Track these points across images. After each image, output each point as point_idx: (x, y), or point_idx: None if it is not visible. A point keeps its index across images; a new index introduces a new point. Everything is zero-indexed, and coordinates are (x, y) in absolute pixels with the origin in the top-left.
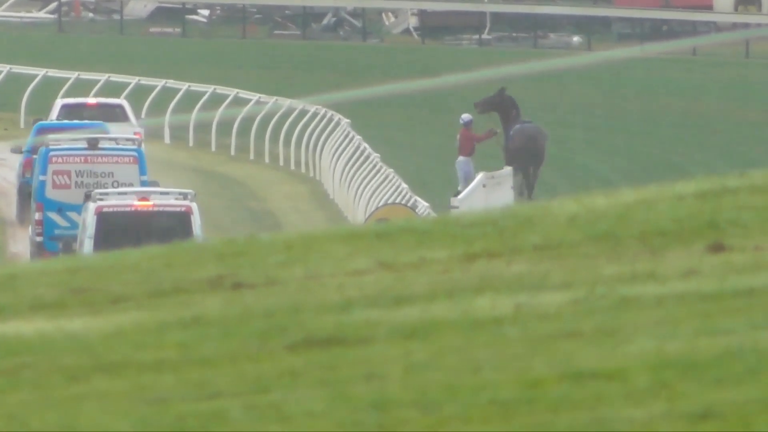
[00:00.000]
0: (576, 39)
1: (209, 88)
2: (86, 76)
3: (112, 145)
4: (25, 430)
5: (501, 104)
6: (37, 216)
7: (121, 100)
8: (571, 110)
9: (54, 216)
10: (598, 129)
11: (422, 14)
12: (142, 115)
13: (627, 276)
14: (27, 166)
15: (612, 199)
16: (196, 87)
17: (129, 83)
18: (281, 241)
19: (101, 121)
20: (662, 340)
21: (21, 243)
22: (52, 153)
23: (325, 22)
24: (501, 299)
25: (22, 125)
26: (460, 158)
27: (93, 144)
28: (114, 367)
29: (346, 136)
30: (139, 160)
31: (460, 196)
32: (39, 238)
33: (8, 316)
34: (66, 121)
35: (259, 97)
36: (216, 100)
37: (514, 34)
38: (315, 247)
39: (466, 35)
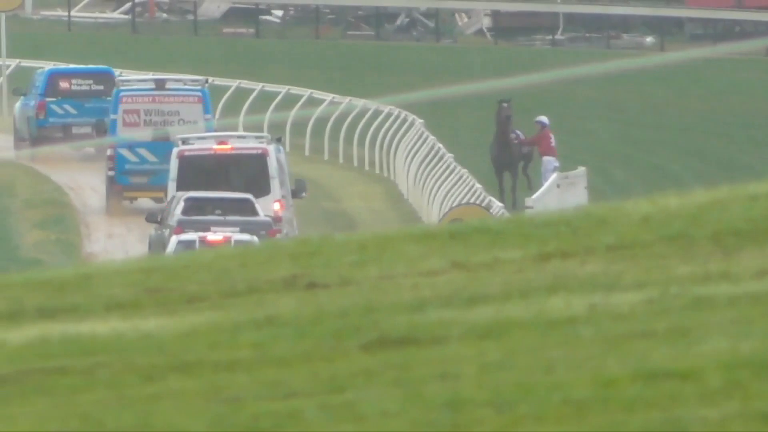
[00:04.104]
0: (649, 39)
1: (283, 89)
2: (159, 76)
3: (179, 86)
4: (100, 429)
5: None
6: (109, 152)
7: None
8: (643, 110)
9: (125, 152)
10: (670, 129)
11: (495, 15)
12: (216, 116)
13: (700, 276)
14: (40, 108)
15: (685, 200)
16: (270, 87)
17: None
18: (355, 241)
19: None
20: (736, 339)
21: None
22: (122, 93)
23: (398, 22)
24: (575, 299)
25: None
26: (549, 158)
27: (161, 84)
28: (188, 366)
29: (420, 136)
30: (204, 100)
31: (534, 197)
32: (111, 173)
33: (83, 316)
34: (74, 66)
35: (333, 98)
36: (290, 101)
37: (587, 35)
38: (389, 247)
39: (539, 36)
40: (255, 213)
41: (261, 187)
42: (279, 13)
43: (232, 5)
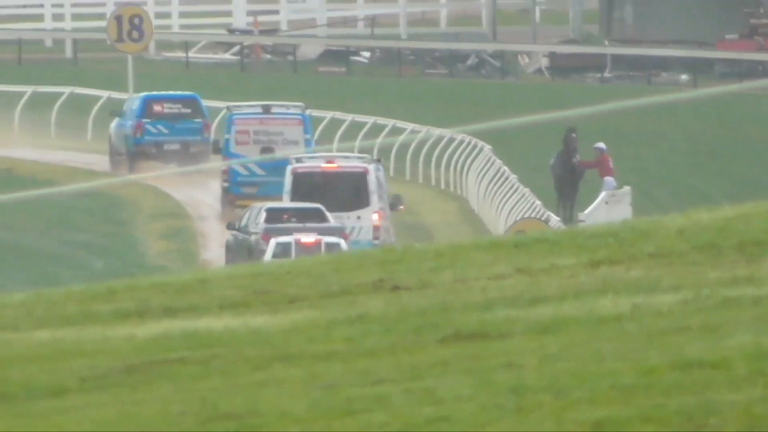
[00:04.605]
0: (683, 77)
1: (370, 119)
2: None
3: (283, 110)
4: (215, 412)
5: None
6: (223, 167)
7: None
8: (679, 138)
9: (238, 168)
10: (702, 154)
11: (552, 56)
12: (313, 143)
13: (728, 280)
14: (138, 128)
15: (714, 214)
16: (359, 118)
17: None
18: (433, 250)
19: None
20: (759, 334)
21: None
22: (235, 117)
23: (468, 62)
24: (621, 300)
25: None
26: (609, 178)
27: (267, 109)
28: (290, 357)
29: (488, 160)
30: (304, 122)
31: (586, 212)
32: (226, 184)
33: (200, 314)
34: (165, 93)
35: (413, 127)
36: (376, 130)
37: (631, 73)
38: (462, 255)
39: (590, 74)
40: (326, 220)
41: (362, 201)
42: (367, 54)
43: (326, 48)
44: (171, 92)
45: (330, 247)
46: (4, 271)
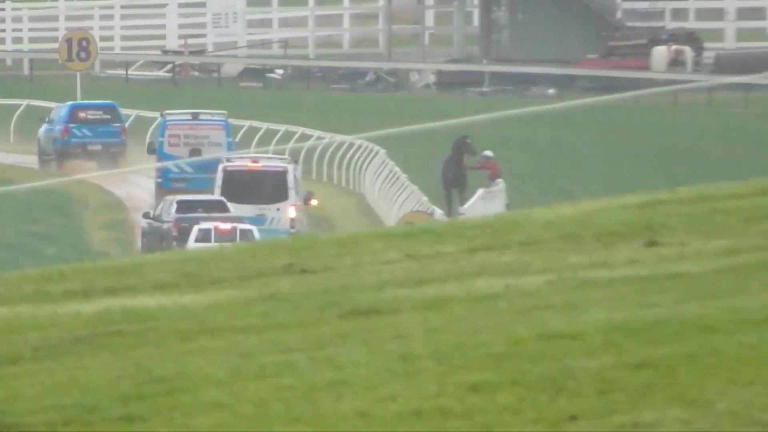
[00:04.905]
0: (551, 91)
1: (283, 127)
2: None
3: (209, 117)
4: (148, 375)
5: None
6: (158, 165)
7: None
8: (547, 143)
9: (169, 165)
10: (567, 156)
11: (439, 73)
12: (233, 145)
13: (586, 264)
14: (65, 132)
15: (576, 208)
16: (273, 126)
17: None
18: (335, 239)
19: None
20: (611, 311)
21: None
22: (168, 122)
23: (367, 78)
24: (494, 281)
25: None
26: (499, 179)
27: (195, 116)
28: (213, 330)
29: (382, 162)
30: (226, 128)
31: (465, 206)
32: (159, 180)
33: (136, 293)
34: (88, 101)
35: (319, 134)
36: (288, 136)
37: (506, 88)
38: (359, 243)
39: (471, 88)
40: (227, 210)
41: (281, 195)
42: (280, 71)
43: (246, 66)
44: (93, 101)
45: (244, 233)
46: None
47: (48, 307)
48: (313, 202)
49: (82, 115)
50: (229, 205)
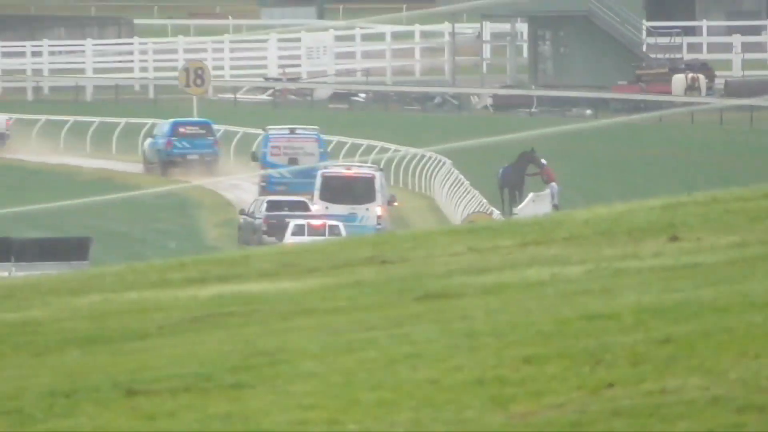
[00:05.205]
0: (588, 111)
1: (365, 142)
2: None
3: (303, 131)
4: (254, 349)
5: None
6: (262, 172)
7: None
8: (586, 155)
9: (272, 171)
10: (603, 166)
11: (495, 97)
12: (326, 156)
13: (619, 256)
14: (169, 144)
15: (610, 209)
16: (357, 141)
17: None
18: (410, 235)
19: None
20: (641, 294)
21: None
22: (270, 135)
23: (435, 101)
24: (543, 270)
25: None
26: (553, 183)
27: (292, 130)
28: (308, 311)
29: (449, 171)
30: (319, 140)
31: (519, 207)
32: (263, 184)
33: (244, 281)
34: (187, 119)
35: (396, 147)
36: (369, 149)
37: (551, 109)
38: (430, 239)
39: (522, 109)
40: (309, 210)
41: (370, 197)
42: (363, 95)
43: (334, 91)
44: (191, 118)
45: (332, 228)
46: (105, 251)
47: (170, 292)
48: (396, 203)
49: (182, 130)
50: (324, 204)
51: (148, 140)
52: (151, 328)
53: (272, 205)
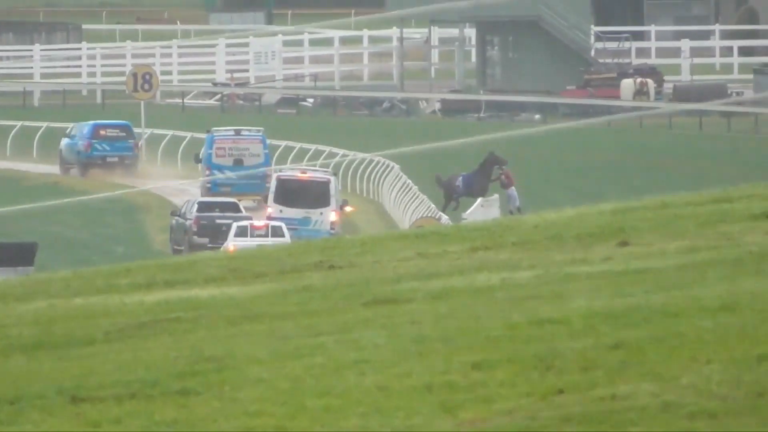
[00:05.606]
0: (537, 116)
1: (313, 147)
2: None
3: (248, 132)
4: (200, 355)
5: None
6: (207, 173)
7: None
8: (535, 160)
9: (217, 173)
10: (552, 171)
11: (443, 101)
12: (270, 157)
13: (569, 261)
14: (88, 146)
15: (560, 214)
16: (305, 146)
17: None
18: (358, 240)
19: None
20: (591, 300)
21: None
22: (215, 137)
23: (383, 106)
24: (492, 276)
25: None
26: (513, 188)
27: (238, 131)
28: (256, 317)
29: (397, 176)
30: (263, 141)
31: (467, 212)
32: (208, 185)
33: (191, 286)
34: (107, 121)
35: (344, 152)
36: (317, 154)
37: (499, 114)
38: (378, 244)
39: (470, 114)
40: (240, 211)
41: (324, 202)
42: (311, 100)
43: (282, 96)
44: (112, 121)
45: (275, 229)
46: (51, 256)
47: (116, 298)
48: (348, 208)
49: (102, 132)
50: (278, 207)
51: (65, 141)
52: (97, 334)
53: (203, 206)
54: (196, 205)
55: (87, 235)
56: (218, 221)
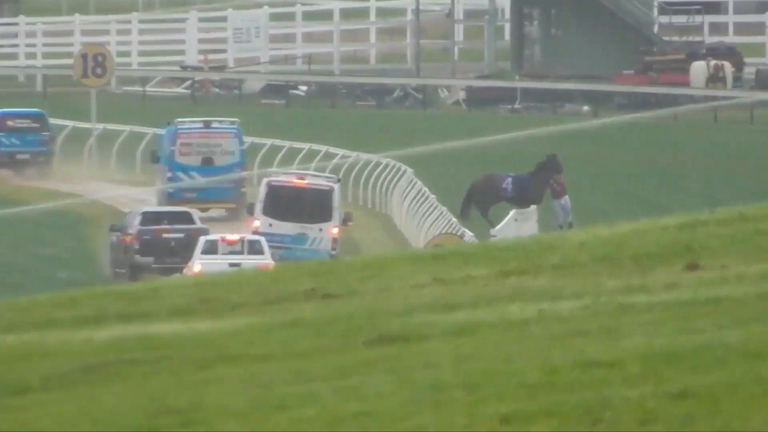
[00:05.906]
0: (585, 108)
1: (306, 146)
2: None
3: (220, 125)
4: (162, 407)
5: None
6: (168, 175)
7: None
8: (583, 162)
9: (181, 175)
10: (603, 176)
11: (469, 89)
12: (245, 154)
13: (623, 288)
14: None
15: (613, 230)
16: (296, 145)
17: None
18: (360, 262)
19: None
20: (650, 337)
21: None
22: (179, 130)
23: (394, 95)
24: (528, 306)
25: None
26: (566, 198)
27: (207, 124)
28: (231, 358)
29: (410, 182)
30: (238, 136)
31: (496, 228)
32: (171, 190)
33: (151, 320)
34: (16, 109)
35: (344, 153)
36: (312, 155)
37: (539, 105)
38: (386, 266)
39: (503, 105)
40: (194, 222)
41: (325, 215)
42: (304, 88)
43: (268, 83)
44: (21, 109)
45: (251, 245)
46: None
47: (58, 335)
48: (351, 223)
49: (10, 123)
50: (267, 220)
51: None
52: (32, 379)
53: (147, 218)
54: (139, 217)
55: (22, 256)
56: (165, 236)
